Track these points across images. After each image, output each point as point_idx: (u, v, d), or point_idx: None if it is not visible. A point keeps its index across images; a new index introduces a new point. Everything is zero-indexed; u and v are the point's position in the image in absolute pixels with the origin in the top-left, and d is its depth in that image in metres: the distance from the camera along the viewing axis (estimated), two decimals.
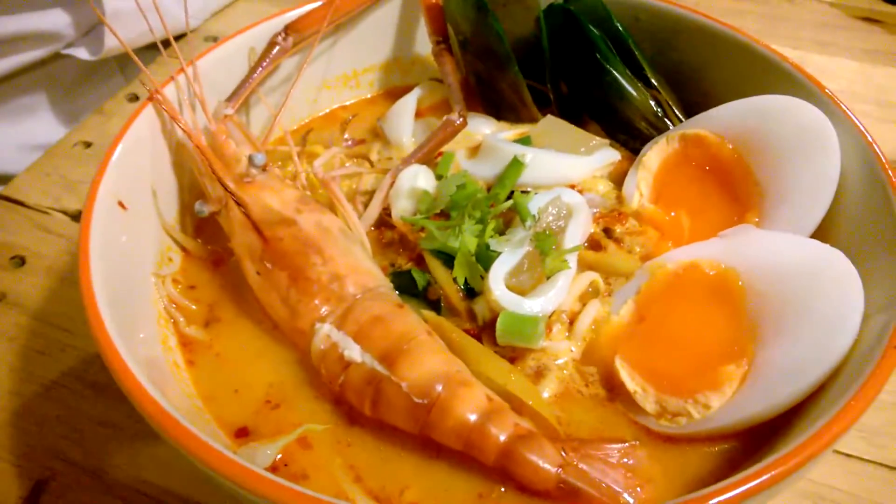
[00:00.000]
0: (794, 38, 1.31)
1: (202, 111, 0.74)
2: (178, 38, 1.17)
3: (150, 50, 1.27)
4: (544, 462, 0.54)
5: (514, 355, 0.64)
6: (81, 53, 1.18)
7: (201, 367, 0.64)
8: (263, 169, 0.70)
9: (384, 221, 0.75)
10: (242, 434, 0.60)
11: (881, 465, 0.71)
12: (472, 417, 0.55)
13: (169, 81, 0.74)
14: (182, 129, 0.70)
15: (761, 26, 1.36)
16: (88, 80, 1.26)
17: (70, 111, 1.25)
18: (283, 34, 0.81)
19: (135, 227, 0.68)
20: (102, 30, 1.16)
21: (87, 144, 1.10)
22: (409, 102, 0.88)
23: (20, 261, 0.93)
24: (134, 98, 1.18)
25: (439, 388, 0.57)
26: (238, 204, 0.66)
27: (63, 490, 0.71)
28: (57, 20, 1.17)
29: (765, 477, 0.44)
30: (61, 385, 0.81)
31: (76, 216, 0.98)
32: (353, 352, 0.59)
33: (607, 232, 0.73)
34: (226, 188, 0.66)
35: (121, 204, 0.64)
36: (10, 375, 0.81)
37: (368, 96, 0.97)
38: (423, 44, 0.94)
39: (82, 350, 0.83)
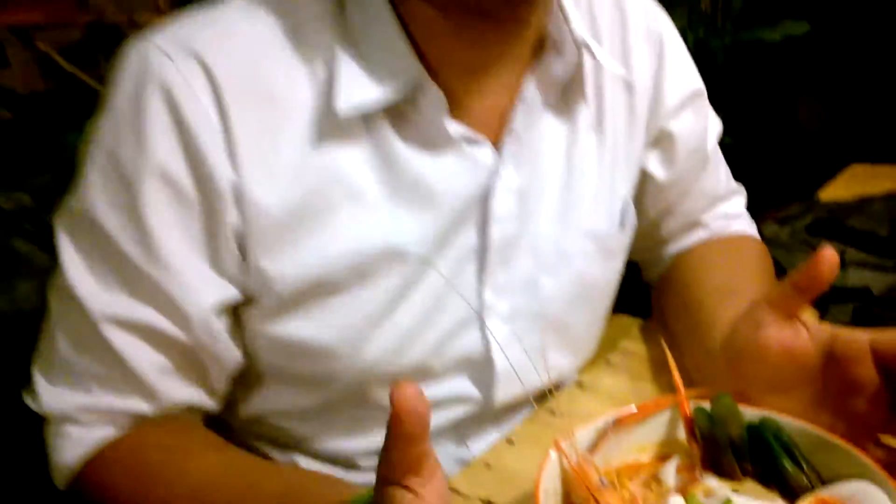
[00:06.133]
0: None
1: (575, 453, 1.57)
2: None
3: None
4: None
5: None
6: (481, 408, 1.87)
7: None
8: (605, 484, 1.50)
9: None
10: None
11: None
12: None
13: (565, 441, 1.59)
14: (569, 464, 1.55)
15: None
16: (468, 430, 1.97)
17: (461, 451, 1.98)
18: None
19: None
20: (494, 390, 1.83)
21: (487, 465, 1.83)
22: (671, 466, 1.65)
23: None
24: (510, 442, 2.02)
25: None
26: (596, 500, 1.45)
27: None
28: (470, 388, 1.85)
29: None
30: None
31: None
32: None
33: None
34: (592, 494, 1.47)
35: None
36: None
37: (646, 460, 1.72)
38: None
39: None
